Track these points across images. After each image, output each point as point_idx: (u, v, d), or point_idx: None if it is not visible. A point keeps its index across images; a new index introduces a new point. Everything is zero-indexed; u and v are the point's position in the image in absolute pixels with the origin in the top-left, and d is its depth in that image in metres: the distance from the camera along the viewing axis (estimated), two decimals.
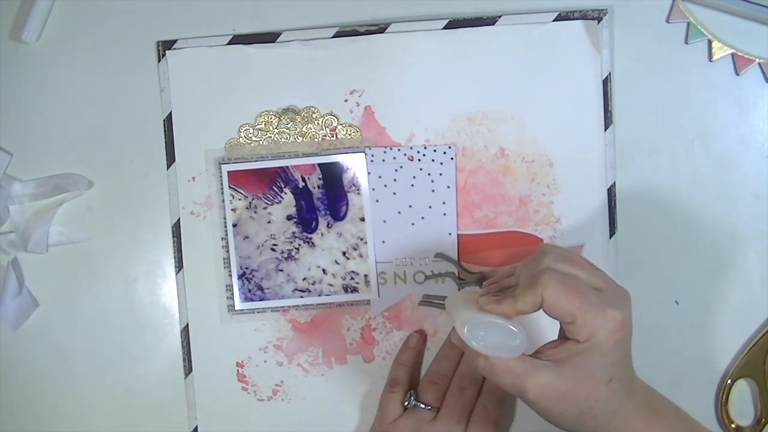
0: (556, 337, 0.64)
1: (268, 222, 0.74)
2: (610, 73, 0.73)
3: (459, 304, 0.62)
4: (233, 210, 0.74)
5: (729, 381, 0.74)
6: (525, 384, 0.58)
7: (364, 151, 0.74)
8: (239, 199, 0.74)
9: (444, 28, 0.73)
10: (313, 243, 0.74)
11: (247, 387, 0.75)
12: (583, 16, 0.73)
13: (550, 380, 0.58)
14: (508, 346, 0.58)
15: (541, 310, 0.58)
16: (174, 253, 0.75)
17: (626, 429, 0.60)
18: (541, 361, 0.59)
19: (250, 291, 0.75)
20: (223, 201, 0.74)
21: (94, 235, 0.76)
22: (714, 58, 0.74)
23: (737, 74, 0.74)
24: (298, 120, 0.74)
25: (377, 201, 0.74)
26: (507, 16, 0.73)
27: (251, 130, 0.74)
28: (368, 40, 0.73)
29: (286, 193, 0.74)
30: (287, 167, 0.74)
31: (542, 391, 0.58)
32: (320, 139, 0.74)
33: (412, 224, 0.74)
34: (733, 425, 0.75)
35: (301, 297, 0.75)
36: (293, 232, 0.74)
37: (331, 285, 0.74)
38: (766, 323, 0.74)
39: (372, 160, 0.74)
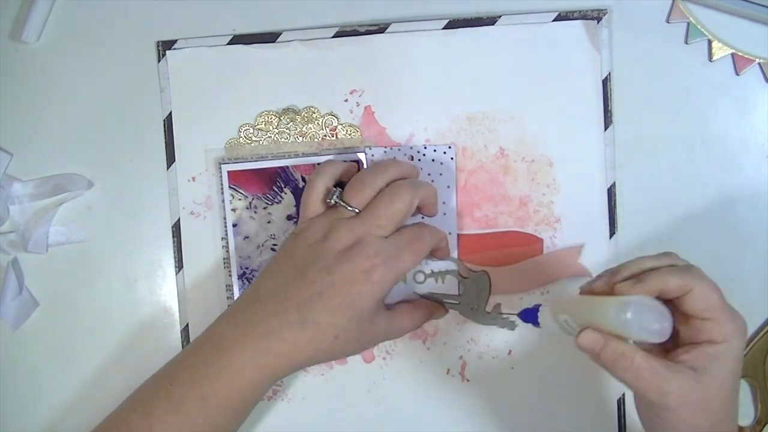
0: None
1: (268, 222, 0.74)
2: (609, 73, 0.73)
3: (582, 301, 0.59)
4: (233, 210, 0.74)
5: None
6: (669, 388, 0.54)
7: (364, 151, 0.74)
8: (239, 199, 0.74)
9: (444, 28, 0.73)
10: None
11: None
12: (583, 16, 0.73)
13: (692, 385, 0.55)
14: (655, 330, 0.55)
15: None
16: (174, 253, 0.75)
17: None
18: (679, 365, 0.56)
19: None
20: (223, 201, 0.74)
21: (94, 235, 0.76)
22: (714, 58, 0.74)
23: (737, 74, 0.74)
24: (298, 120, 0.74)
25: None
26: (507, 16, 0.73)
27: (251, 130, 0.74)
28: (368, 40, 0.73)
29: (286, 193, 0.74)
30: (287, 167, 0.74)
31: (684, 397, 0.55)
32: (320, 139, 0.74)
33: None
34: None
35: None
36: None
37: None
38: (766, 323, 0.75)
39: (372, 160, 0.74)
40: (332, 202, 0.66)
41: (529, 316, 0.63)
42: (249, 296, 0.65)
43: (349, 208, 0.65)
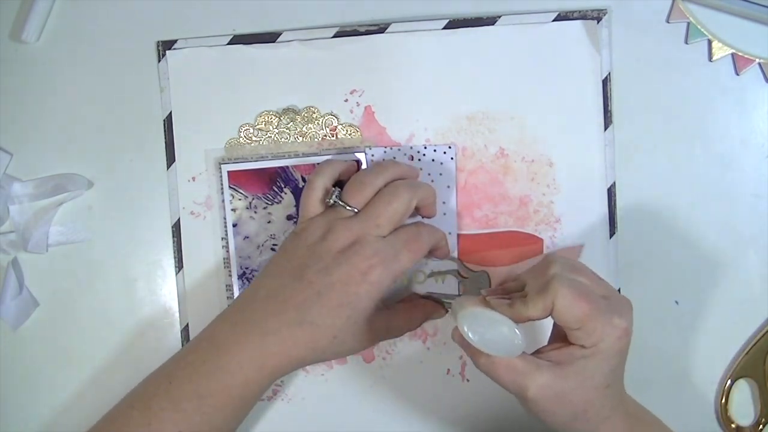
0: (549, 337, 0.65)
1: (269, 222, 0.74)
2: (609, 73, 0.73)
3: (464, 303, 0.62)
4: (233, 210, 0.74)
5: (729, 381, 0.74)
6: (526, 382, 0.58)
7: (364, 151, 0.74)
8: (239, 199, 0.74)
9: (444, 28, 0.73)
10: None
11: None
12: (583, 16, 0.73)
13: (551, 381, 0.58)
14: (508, 345, 0.59)
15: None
16: (174, 253, 0.75)
17: None
18: (542, 361, 0.59)
19: None
20: (223, 201, 0.74)
21: (94, 235, 0.76)
22: (714, 58, 0.74)
23: (737, 74, 0.74)
24: (299, 120, 0.74)
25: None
26: (507, 16, 0.73)
27: (251, 130, 0.74)
28: (368, 40, 0.73)
29: (286, 193, 0.74)
30: (287, 167, 0.74)
31: (542, 391, 0.58)
32: (320, 139, 0.74)
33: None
34: (733, 425, 0.75)
35: None
36: None
37: None
38: (766, 323, 0.74)
39: (372, 160, 0.74)
40: (331, 201, 0.66)
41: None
42: (248, 295, 0.66)
43: (348, 208, 0.65)
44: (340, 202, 0.66)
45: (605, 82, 0.73)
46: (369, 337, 0.66)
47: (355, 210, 0.65)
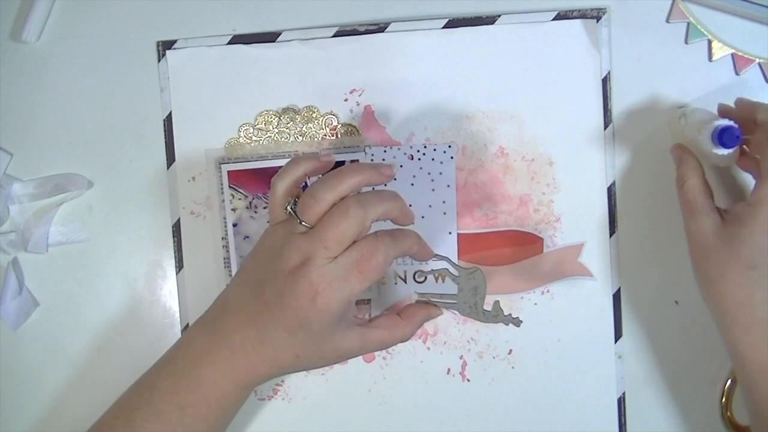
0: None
1: (268, 222, 0.74)
2: (609, 72, 0.73)
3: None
4: (233, 210, 0.74)
5: (729, 381, 0.74)
6: (697, 216, 0.67)
7: (364, 151, 0.74)
8: (239, 199, 0.74)
9: (444, 27, 0.73)
10: None
11: None
12: (582, 15, 0.73)
13: (712, 226, 0.66)
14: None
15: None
16: (174, 253, 0.75)
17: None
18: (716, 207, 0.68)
19: None
20: (223, 201, 0.74)
21: (94, 235, 0.76)
22: (714, 58, 0.74)
23: (737, 74, 0.74)
24: (298, 119, 0.74)
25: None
26: (506, 15, 0.73)
27: (251, 130, 0.74)
28: (368, 40, 0.74)
29: None
30: None
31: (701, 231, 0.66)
32: (320, 138, 0.74)
33: (412, 223, 0.74)
34: (733, 425, 0.74)
35: None
36: None
37: None
38: None
39: (372, 160, 0.74)
40: (287, 211, 0.63)
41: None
42: (220, 301, 0.64)
43: (302, 223, 0.61)
44: (295, 216, 0.62)
45: (605, 81, 0.73)
46: (338, 354, 0.62)
47: (308, 226, 0.61)
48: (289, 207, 0.62)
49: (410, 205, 0.73)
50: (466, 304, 0.68)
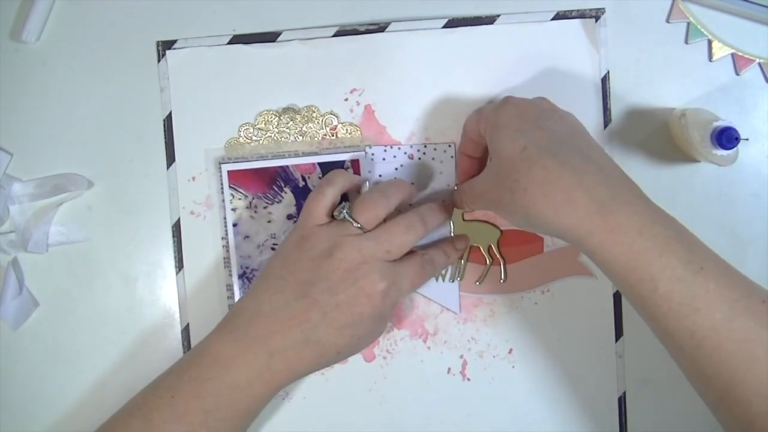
0: None
1: (269, 221, 0.74)
2: (608, 72, 0.73)
3: None
4: (233, 209, 0.74)
5: None
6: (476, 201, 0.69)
7: (364, 150, 0.74)
8: (239, 199, 0.74)
9: (443, 27, 0.73)
10: None
11: None
12: (581, 15, 0.73)
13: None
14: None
15: None
16: (174, 253, 0.75)
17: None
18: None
19: None
20: (223, 201, 0.74)
21: (94, 235, 0.76)
22: (714, 58, 0.74)
23: (737, 74, 0.74)
24: (298, 119, 0.74)
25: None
26: (505, 15, 0.73)
27: (251, 130, 0.74)
28: (368, 40, 0.74)
29: (286, 193, 0.74)
30: (287, 166, 0.74)
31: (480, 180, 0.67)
32: (320, 138, 0.74)
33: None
34: None
35: None
36: None
37: None
38: None
39: (372, 159, 0.74)
40: (341, 216, 0.66)
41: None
42: (249, 309, 0.65)
43: (356, 225, 0.65)
44: (350, 218, 0.65)
45: (604, 81, 0.73)
46: (369, 343, 0.68)
47: (364, 229, 0.65)
48: (345, 211, 0.65)
49: (410, 205, 0.73)
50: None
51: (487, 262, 0.74)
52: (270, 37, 0.74)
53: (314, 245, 0.64)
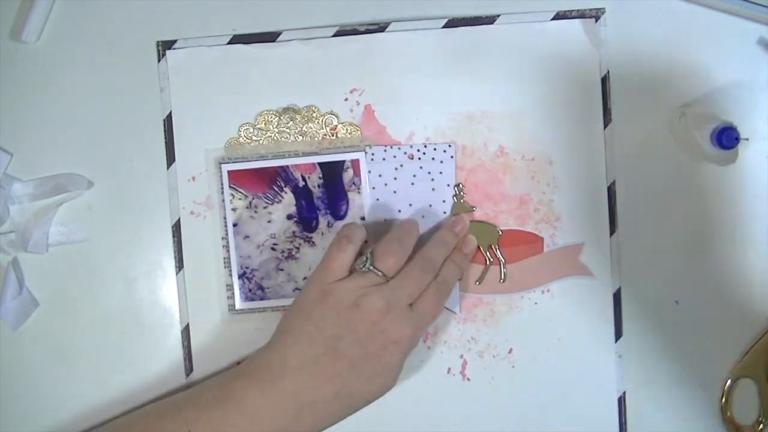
0: None
1: (269, 221, 0.74)
2: (608, 72, 0.73)
3: None
4: (233, 209, 0.74)
5: (729, 381, 0.74)
6: None
7: (364, 150, 0.74)
8: (239, 199, 0.74)
9: (443, 27, 0.73)
10: (313, 242, 0.74)
11: None
12: (581, 15, 0.73)
13: None
14: None
15: None
16: (174, 253, 0.75)
17: None
18: None
19: (250, 290, 0.75)
20: (223, 201, 0.74)
21: (94, 235, 0.76)
22: None
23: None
24: (299, 119, 0.74)
25: (377, 200, 0.74)
26: (505, 15, 0.73)
27: (251, 130, 0.74)
28: (368, 40, 0.74)
29: (286, 193, 0.74)
30: (287, 166, 0.74)
31: None
32: (320, 138, 0.74)
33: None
34: (733, 425, 0.74)
35: None
36: (293, 232, 0.74)
37: None
38: (766, 323, 0.74)
39: (372, 159, 0.74)
40: (365, 269, 0.67)
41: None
42: (275, 363, 0.65)
43: (379, 274, 0.66)
44: (374, 269, 0.66)
45: (604, 81, 0.73)
46: (393, 385, 0.68)
47: (386, 277, 0.66)
48: (367, 264, 0.66)
49: (410, 205, 0.73)
50: None
51: (487, 262, 0.74)
52: (270, 37, 0.74)
53: (340, 299, 0.65)
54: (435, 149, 0.74)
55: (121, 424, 0.69)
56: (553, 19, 0.73)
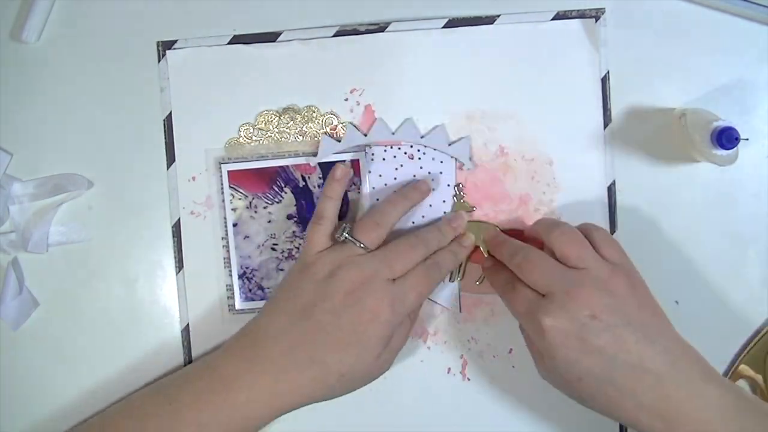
0: None
1: (269, 221, 0.74)
2: (608, 72, 0.73)
3: None
4: (233, 209, 0.74)
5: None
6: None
7: (364, 150, 0.74)
8: (239, 199, 0.74)
9: (443, 27, 0.73)
10: None
11: None
12: (581, 15, 0.73)
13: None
14: None
15: None
16: (174, 253, 0.75)
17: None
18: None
19: (250, 290, 0.75)
20: (223, 201, 0.74)
21: (94, 235, 0.76)
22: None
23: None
24: (299, 119, 0.74)
25: (378, 200, 0.74)
26: (505, 15, 0.73)
27: (251, 130, 0.74)
28: (368, 40, 0.74)
29: (286, 193, 0.74)
30: (287, 167, 0.74)
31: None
32: (321, 138, 0.74)
33: (413, 223, 0.74)
34: None
35: None
36: (293, 232, 0.74)
37: None
38: (766, 323, 0.74)
39: (372, 159, 0.74)
40: (342, 237, 0.67)
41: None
42: (256, 331, 0.66)
43: (360, 245, 0.66)
44: (352, 239, 0.66)
45: (604, 81, 0.73)
46: (374, 373, 0.67)
47: (368, 249, 0.66)
48: (345, 233, 0.67)
49: None
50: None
51: None
52: (270, 37, 0.74)
53: (318, 269, 0.66)
54: (435, 149, 0.73)
55: (106, 414, 0.69)
56: (553, 19, 0.73)
